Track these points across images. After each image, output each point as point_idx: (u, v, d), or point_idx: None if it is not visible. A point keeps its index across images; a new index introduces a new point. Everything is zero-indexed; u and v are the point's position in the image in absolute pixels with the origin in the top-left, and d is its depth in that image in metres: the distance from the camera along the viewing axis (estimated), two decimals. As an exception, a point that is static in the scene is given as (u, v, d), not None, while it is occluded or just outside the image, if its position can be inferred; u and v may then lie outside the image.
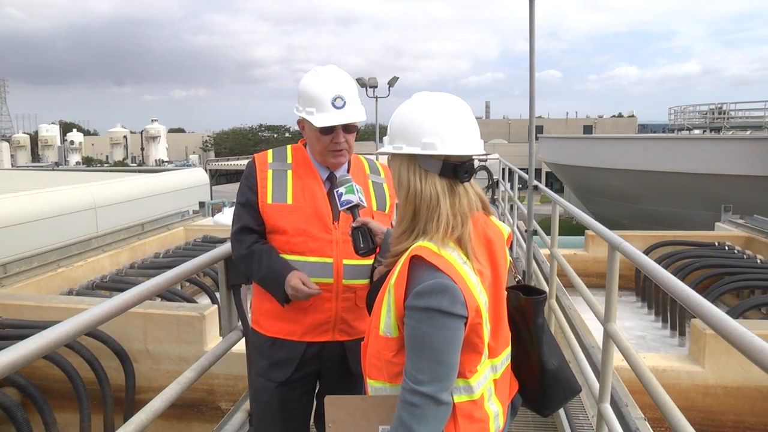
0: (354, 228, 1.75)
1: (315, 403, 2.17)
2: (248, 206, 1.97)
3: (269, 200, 1.95)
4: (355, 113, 1.92)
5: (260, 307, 2.05)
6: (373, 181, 2.08)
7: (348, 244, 1.92)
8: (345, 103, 1.89)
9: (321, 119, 1.88)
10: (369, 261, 1.89)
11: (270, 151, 2.08)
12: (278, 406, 2.02)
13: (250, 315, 2.19)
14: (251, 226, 1.97)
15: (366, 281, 1.96)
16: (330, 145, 1.93)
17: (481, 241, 1.36)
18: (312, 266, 1.93)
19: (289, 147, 2.08)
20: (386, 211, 2.06)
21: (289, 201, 1.95)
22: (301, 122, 1.98)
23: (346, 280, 1.96)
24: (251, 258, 1.95)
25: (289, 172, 2.00)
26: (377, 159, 2.25)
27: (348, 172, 2.03)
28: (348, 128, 1.94)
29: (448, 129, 1.32)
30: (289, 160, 2.03)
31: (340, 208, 1.83)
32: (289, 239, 1.94)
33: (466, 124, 1.35)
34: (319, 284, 1.92)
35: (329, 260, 1.94)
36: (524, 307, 1.51)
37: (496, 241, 1.40)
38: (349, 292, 1.97)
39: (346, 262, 1.95)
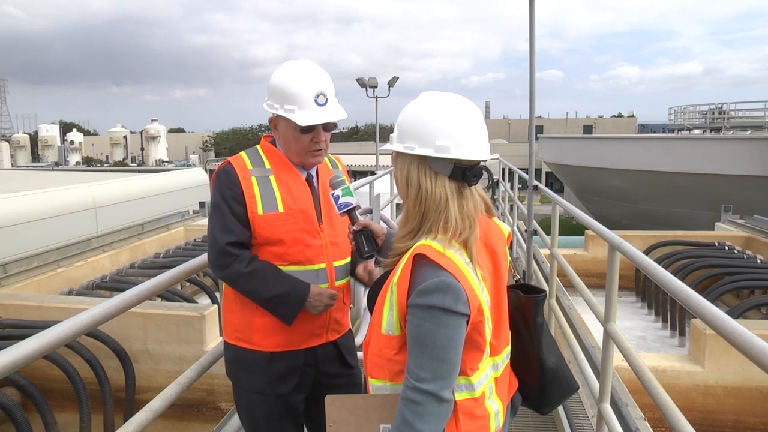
0: (356, 231, 1.69)
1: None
2: (237, 218, 1.80)
3: (260, 211, 1.81)
4: (338, 111, 1.85)
5: (251, 323, 1.89)
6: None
7: (335, 247, 1.92)
8: (327, 100, 1.81)
9: (304, 117, 1.78)
10: (349, 259, 1.92)
11: (245, 155, 1.90)
12: (278, 417, 1.96)
13: None
14: (243, 240, 1.82)
15: (348, 279, 2.00)
16: (310, 144, 1.84)
17: (484, 242, 1.37)
18: (310, 274, 1.88)
19: (259, 148, 1.93)
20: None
21: (281, 209, 1.83)
22: (274, 121, 1.87)
23: (337, 282, 1.95)
24: (254, 277, 1.80)
25: (272, 178, 1.86)
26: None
27: (317, 170, 1.96)
28: (327, 127, 1.85)
29: (462, 133, 1.31)
30: (268, 165, 1.88)
31: (338, 212, 1.73)
32: (287, 250, 1.84)
33: (479, 129, 1.35)
34: None
35: (323, 266, 1.91)
36: (524, 305, 1.51)
37: (497, 241, 1.41)
38: (339, 293, 1.95)
39: (335, 264, 1.94)
